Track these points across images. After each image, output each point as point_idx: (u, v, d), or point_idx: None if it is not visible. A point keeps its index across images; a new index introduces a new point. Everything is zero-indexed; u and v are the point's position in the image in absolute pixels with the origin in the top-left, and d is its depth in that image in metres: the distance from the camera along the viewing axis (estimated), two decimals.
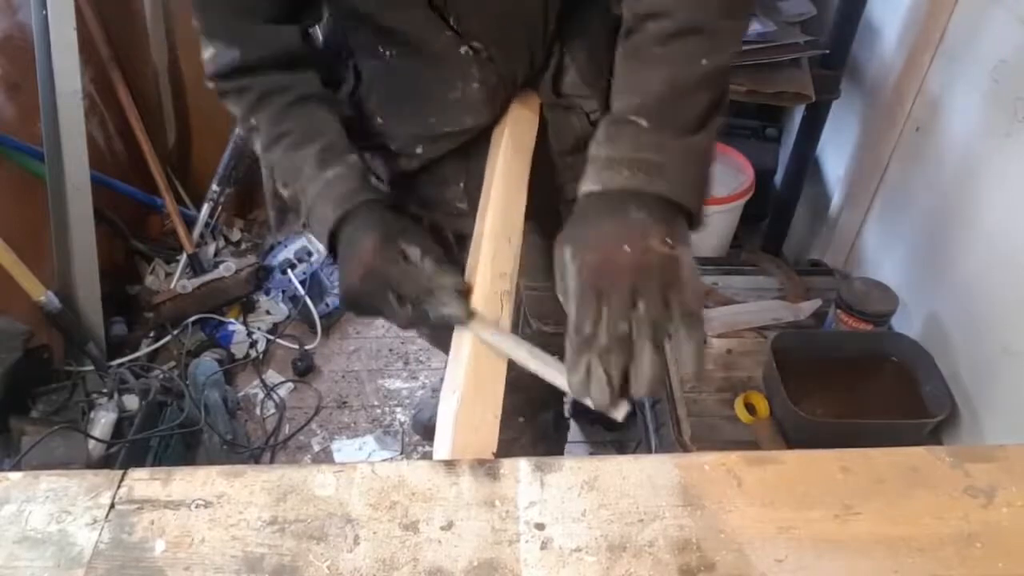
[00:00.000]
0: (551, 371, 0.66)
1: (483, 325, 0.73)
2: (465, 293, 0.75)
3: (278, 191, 0.91)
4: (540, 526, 0.53)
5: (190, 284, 2.31)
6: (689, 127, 0.68)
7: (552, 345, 1.06)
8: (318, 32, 1.00)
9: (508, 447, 0.61)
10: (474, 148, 1.01)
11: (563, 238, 0.66)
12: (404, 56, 0.94)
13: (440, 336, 1.72)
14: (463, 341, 0.73)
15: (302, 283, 2.40)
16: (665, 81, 0.67)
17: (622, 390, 0.59)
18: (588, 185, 0.67)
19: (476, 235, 0.84)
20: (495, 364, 0.71)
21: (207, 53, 0.88)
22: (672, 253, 0.62)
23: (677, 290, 0.60)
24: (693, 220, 0.69)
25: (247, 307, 2.43)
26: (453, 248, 1.22)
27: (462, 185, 1.07)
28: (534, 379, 0.67)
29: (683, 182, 0.67)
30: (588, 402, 0.59)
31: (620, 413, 0.59)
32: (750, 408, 1.29)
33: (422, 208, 1.12)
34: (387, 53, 0.94)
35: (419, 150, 1.02)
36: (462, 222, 1.12)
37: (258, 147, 0.92)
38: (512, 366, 0.72)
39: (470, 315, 0.73)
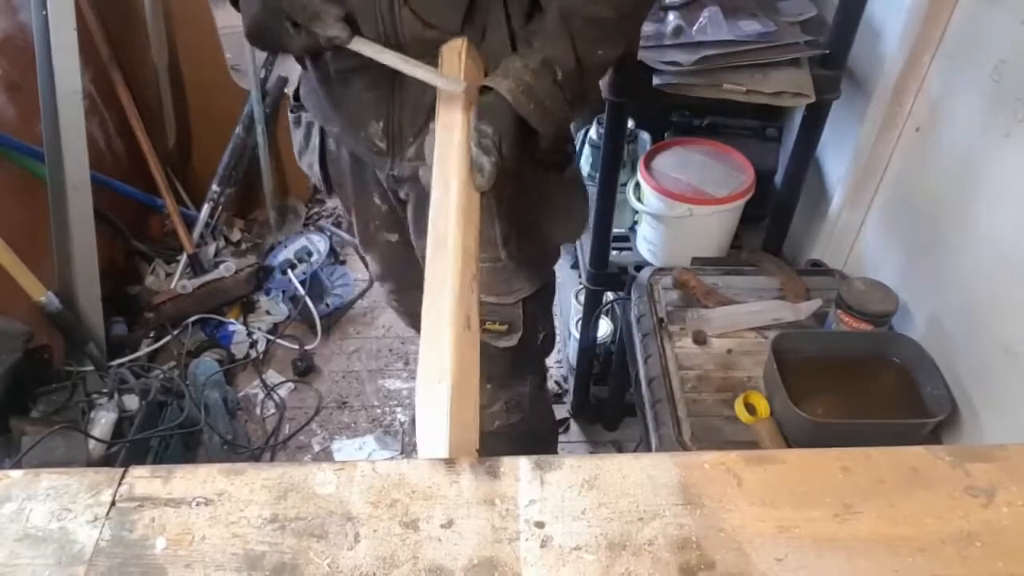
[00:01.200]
0: (420, 71, 0.91)
1: (364, 43, 0.91)
2: (347, 17, 0.91)
3: None
4: (540, 524, 0.53)
5: (190, 284, 2.31)
6: (574, 100, 0.98)
7: (494, 315, 1.25)
8: None
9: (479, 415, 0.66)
10: (392, 88, 1.07)
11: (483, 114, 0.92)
12: None
13: (411, 311, 1.71)
14: (442, 325, 0.73)
15: (302, 283, 2.40)
16: (582, 56, 0.95)
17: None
18: (502, 88, 0.93)
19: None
20: (472, 352, 0.72)
21: None
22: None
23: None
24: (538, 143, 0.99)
25: (247, 307, 2.43)
26: (395, 214, 1.30)
27: (382, 124, 1.11)
28: (504, 349, 0.74)
29: (551, 132, 0.98)
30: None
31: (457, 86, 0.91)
32: (750, 408, 1.28)
33: (348, 132, 1.17)
34: None
35: (330, 56, 1.08)
36: (382, 161, 1.17)
37: None
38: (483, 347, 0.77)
39: (352, 35, 0.90)
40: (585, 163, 1.89)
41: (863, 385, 1.30)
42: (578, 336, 1.96)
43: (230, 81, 2.48)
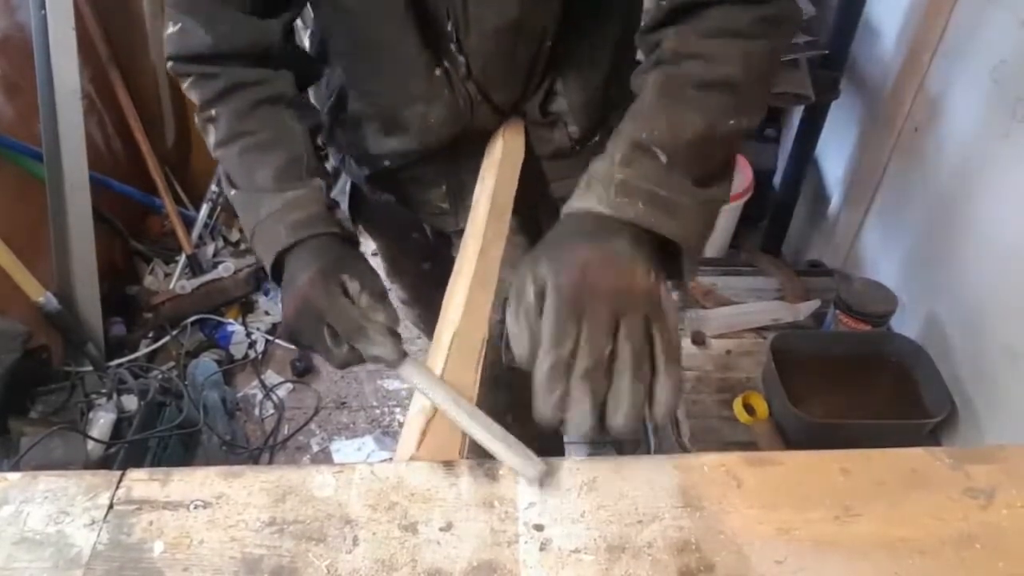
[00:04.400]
0: (482, 433, 0.61)
1: (416, 369, 0.69)
2: (397, 333, 0.71)
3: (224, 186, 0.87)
4: (539, 527, 0.52)
5: (189, 284, 2.31)
6: (706, 179, 0.67)
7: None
8: (301, 32, 0.98)
9: None
10: (459, 150, 1.01)
11: (541, 253, 0.61)
12: (370, 75, 0.93)
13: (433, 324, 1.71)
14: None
15: None
16: (699, 127, 0.66)
17: (600, 420, 0.54)
18: (590, 203, 0.64)
19: (452, 282, 0.80)
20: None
21: (173, 28, 0.82)
22: (657, 286, 0.59)
23: (660, 325, 0.56)
24: (684, 272, 0.66)
25: (246, 307, 2.43)
26: (431, 244, 1.22)
27: (444, 187, 1.07)
28: (523, 378, 0.64)
29: (696, 231, 0.65)
30: (563, 428, 0.55)
31: (537, 473, 0.56)
32: (749, 409, 1.28)
33: (404, 205, 1.11)
34: (355, 68, 0.93)
35: (386, 163, 1.02)
36: (443, 220, 1.12)
37: (211, 140, 0.85)
38: (489, 365, 0.70)
39: (402, 356, 0.69)
40: None
41: (862, 385, 1.30)
42: None
43: None
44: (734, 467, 0.56)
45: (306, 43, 1.07)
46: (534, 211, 1.05)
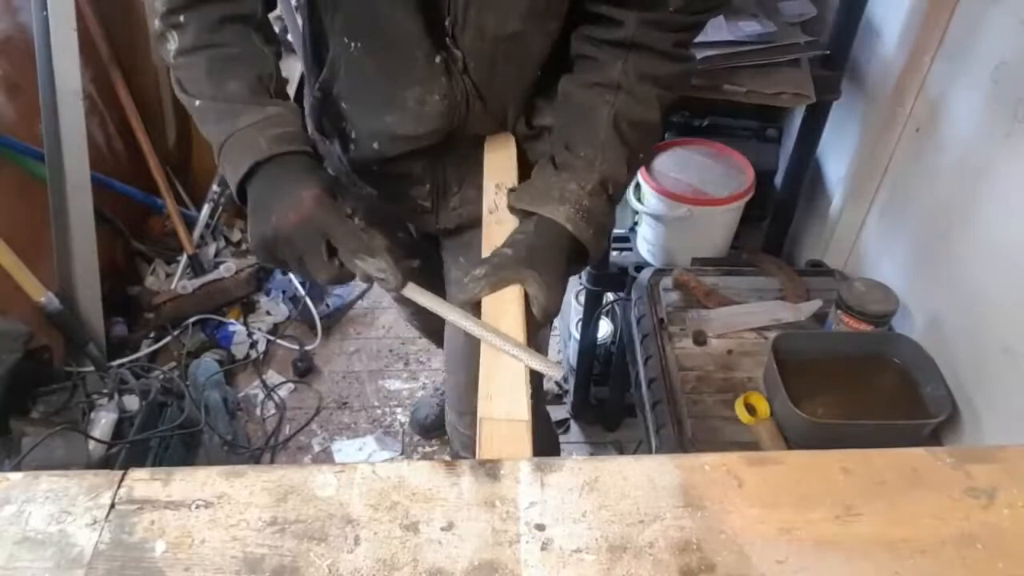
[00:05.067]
0: (500, 341, 0.73)
1: (419, 290, 0.79)
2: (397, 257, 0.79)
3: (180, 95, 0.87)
4: (540, 527, 0.52)
5: (190, 285, 2.31)
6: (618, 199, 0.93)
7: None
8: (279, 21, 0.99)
9: None
10: (447, 150, 1.02)
11: (529, 266, 0.82)
12: (371, 51, 0.93)
13: (431, 328, 1.71)
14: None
15: (302, 284, 2.40)
16: (633, 166, 0.92)
17: None
18: (561, 218, 0.86)
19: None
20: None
21: None
22: None
23: None
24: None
25: (247, 308, 2.43)
26: (417, 244, 1.23)
27: (428, 186, 1.07)
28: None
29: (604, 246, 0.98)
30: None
31: (561, 372, 0.71)
32: (750, 409, 1.28)
33: (388, 200, 1.12)
34: (353, 44, 0.94)
35: (375, 145, 1.02)
36: (425, 220, 1.13)
37: (173, 47, 0.85)
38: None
39: (404, 282, 0.78)
40: None
41: (863, 386, 1.30)
42: (578, 337, 1.96)
43: None
44: (735, 467, 0.56)
45: (297, 18, 1.08)
46: None
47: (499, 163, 0.99)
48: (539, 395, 1.56)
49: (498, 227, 0.91)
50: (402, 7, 0.86)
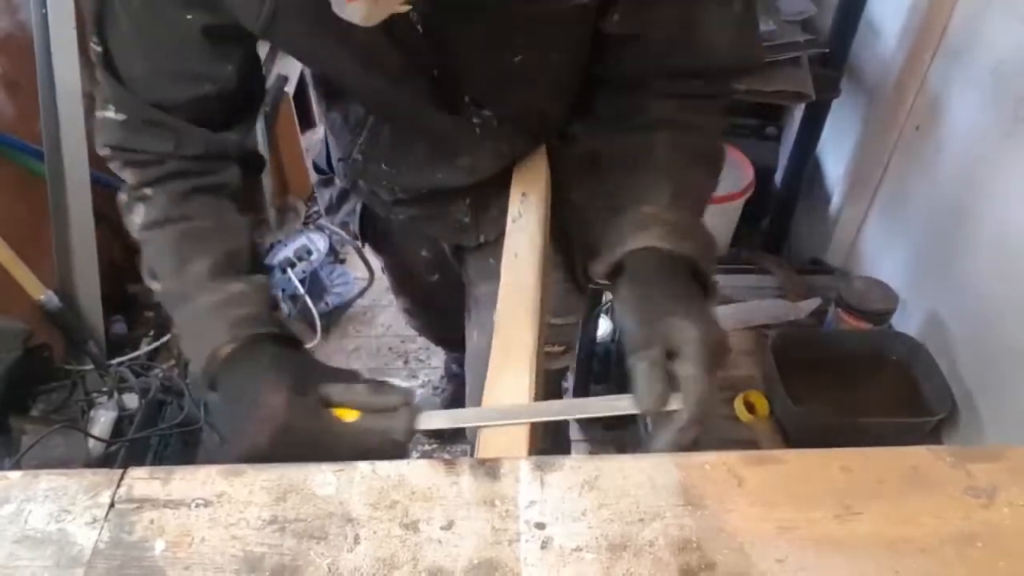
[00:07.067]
0: (559, 409, 0.67)
1: (437, 415, 0.68)
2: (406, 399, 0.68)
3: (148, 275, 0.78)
4: (540, 525, 0.52)
5: None
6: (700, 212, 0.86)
7: (557, 336, 1.09)
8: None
9: None
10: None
11: (653, 307, 0.67)
12: (405, 129, 0.93)
13: (438, 331, 1.72)
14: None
15: (302, 282, 2.39)
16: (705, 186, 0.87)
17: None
18: (651, 241, 0.72)
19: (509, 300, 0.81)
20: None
21: (107, 113, 0.76)
22: None
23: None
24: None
25: None
26: (449, 259, 1.23)
27: (468, 200, 1.06)
28: (555, 371, 0.70)
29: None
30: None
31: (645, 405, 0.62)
32: (750, 407, 1.28)
33: (426, 221, 1.11)
34: (387, 124, 0.93)
35: (423, 190, 1.02)
36: (464, 235, 1.12)
37: (138, 220, 0.78)
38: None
39: (411, 433, 0.66)
40: None
41: (863, 384, 1.30)
42: (578, 335, 1.96)
43: None
44: (735, 465, 0.56)
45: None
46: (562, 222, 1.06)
47: (527, 172, 0.98)
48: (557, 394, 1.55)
49: (520, 235, 0.87)
50: (411, 95, 0.83)
